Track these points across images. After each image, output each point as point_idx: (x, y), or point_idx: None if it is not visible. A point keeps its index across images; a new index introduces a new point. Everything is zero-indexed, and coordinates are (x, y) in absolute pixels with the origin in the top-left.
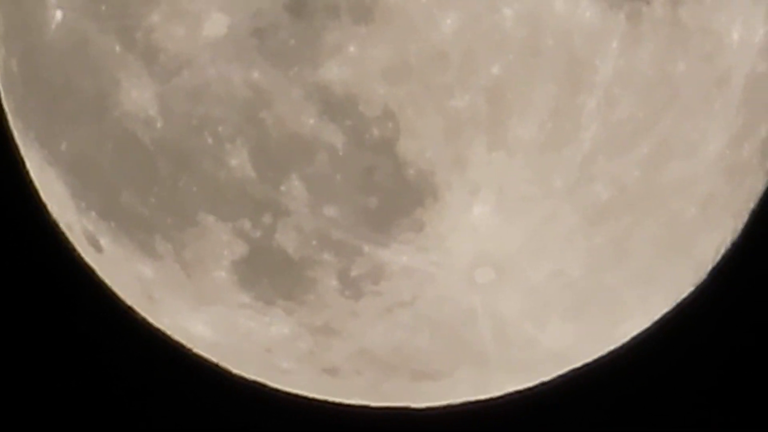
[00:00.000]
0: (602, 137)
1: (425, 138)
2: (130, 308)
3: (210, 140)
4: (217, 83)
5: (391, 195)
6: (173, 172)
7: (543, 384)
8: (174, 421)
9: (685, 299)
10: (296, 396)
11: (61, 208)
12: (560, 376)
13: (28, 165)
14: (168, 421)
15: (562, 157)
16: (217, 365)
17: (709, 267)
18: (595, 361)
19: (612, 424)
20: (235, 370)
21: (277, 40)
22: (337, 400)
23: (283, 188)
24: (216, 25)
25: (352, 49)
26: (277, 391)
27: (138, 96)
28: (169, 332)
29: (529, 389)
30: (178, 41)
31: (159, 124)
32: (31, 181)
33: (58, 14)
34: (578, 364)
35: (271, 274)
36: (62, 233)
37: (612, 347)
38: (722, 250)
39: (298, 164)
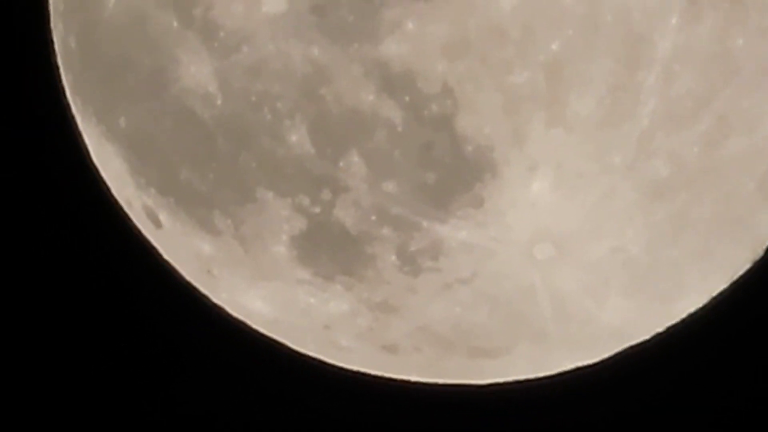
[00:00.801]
0: (661, 113)
1: (484, 114)
2: (188, 284)
3: (269, 116)
4: (276, 60)
5: (450, 171)
6: (232, 149)
7: (601, 361)
8: (233, 397)
9: (742, 276)
10: (355, 373)
11: (120, 184)
12: (619, 353)
13: (87, 141)
14: (227, 397)
15: (620, 133)
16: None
17: (767, 244)
18: (653, 338)
19: (669, 400)
20: (294, 347)
21: (337, 17)
22: (396, 376)
23: (341, 164)
24: (275, 1)
25: (410, 25)
26: (335, 367)
27: (197, 72)
28: (227, 308)
29: (588, 366)
30: (237, 17)
31: (218, 101)
32: (89, 157)
33: None
34: (637, 340)
35: (329, 250)
36: (121, 209)
37: (670, 323)
38: None
39: (356, 140)
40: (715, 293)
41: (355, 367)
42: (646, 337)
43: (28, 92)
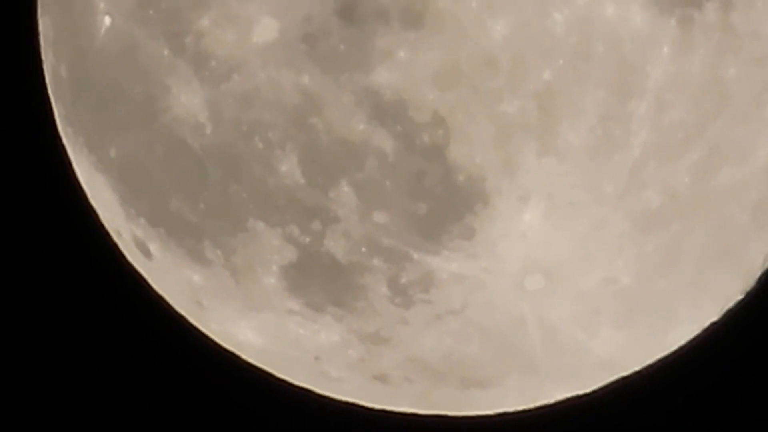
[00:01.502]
0: (653, 143)
1: (475, 143)
2: (179, 315)
3: (260, 146)
4: (267, 88)
5: (441, 201)
6: (223, 178)
7: (593, 392)
8: (224, 429)
9: (733, 306)
10: (346, 403)
11: (110, 214)
12: (610, 384)
13: (78, 171)
14: (218, 429)
15: (612, 163)
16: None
17: (759, 274)
18: (645, 369)
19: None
20: (285, 377)
21: (328, 46)
22: (387, 407)
23: (332, 194)
24: (266, 30)
25: (402, 54)
26: (326, 398)
27: (187, 101)
28: (217, 339)
29: (579, 397)
30: (228, 46)
31: (208, 130)
32: (80, 187)
33: (107, 20)
34: (628, 371)
35: (320, 281)
36: (111, 239)
37: (662, 355)
38: None
39: (347, 170)
40: (707, 324)
41: (346, 398)
42: (638, 368)
43: (20, 122)
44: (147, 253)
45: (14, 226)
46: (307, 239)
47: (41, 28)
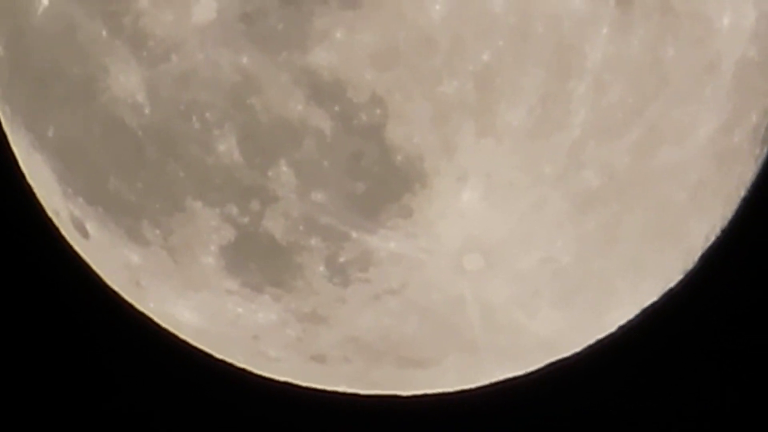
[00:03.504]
0: (592, 123)
1: (413, 124)
2: (116, 294)
3: (198, 126)
4: (205, 68)
5: (379, 181)
6: (161, 158)
7: (531, 373)
8: (160, 407)
9: (673, 287)
10: (283, 383)
11: (48, 193)
12: (548, 365)
13: (15, 150)
14: (154, 407)
15: (551, 143)
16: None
17: (699, 254)
18: (584, 350)
19: (599, 414)
20: (222, 357)
21: (266, 25)
22: (325, 387)
23: (270, 174)
24: (205, 10)
25: (339, 34)
26: (264, 378)
27: (125, 81)
28: (156, 318)
29: (518, 377)
30: (167, 26)
31: (146, 110)
32: (18, 167)
33: None
34: (567, 352)
35: (258, 260)
36: (49, 219)
37: (601, 335)
38: (711, 237)
39: (286, 150)
40: (646, 304)
41: (283, 378)
42: (577, 349)
43: None
44: (84, 233)
45: None
46: (246, 219)
47: None
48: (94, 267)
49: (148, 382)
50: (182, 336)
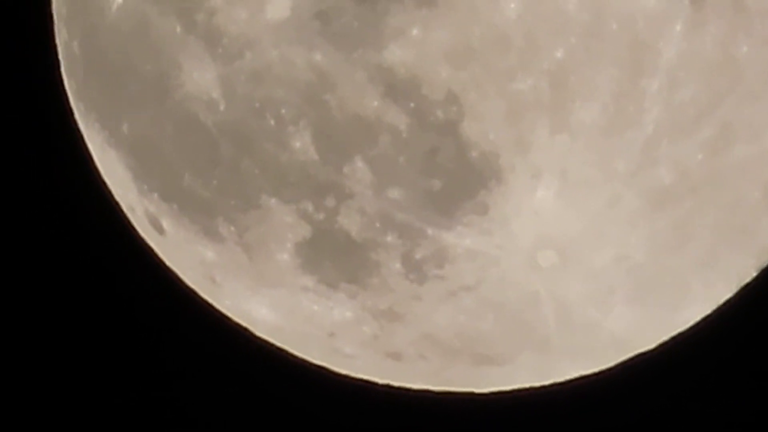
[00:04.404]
0: (665, 121)
1: (488, 121)
2: (191, 290)
3: (272, 122)
4: (279, 66)
5: (455, 177)
6: (235, 155)
7: (606, 370)
8: (236, 405)
9: (747, 284)
10: (359, 380)
11: (123, 190)
12: (623, 362)
13: (90, 147)
14: (231, 405)
15: (624, 140)
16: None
17: None
18: (658, 347)
19: (673, 411)
20: (298, 354)
21: (340, 23)
22: (401, 384)
23: (346, 170)
24: (279, 7)
25: (415, 32)
26: (340, 375)
27: (200, 78)
28: (231, 315)
29: (592, 375)
30: (241, 23)
31: (221, 107)
32: (93, 163)
33: None
34: (641, 349)
35: (334, 257)
36: (124, 215)
37: (675, 333)
38: None
39: (361, 146)
40: (720, 302)
41: (359, 375)
42: (651, 346)
43: (32, 98)
44: (160, 229)
45: (27, 202)
46: (321, 216)
47: (54, 4)
48: (169, 263)
49: (224, 379)
50: (258, 333)
